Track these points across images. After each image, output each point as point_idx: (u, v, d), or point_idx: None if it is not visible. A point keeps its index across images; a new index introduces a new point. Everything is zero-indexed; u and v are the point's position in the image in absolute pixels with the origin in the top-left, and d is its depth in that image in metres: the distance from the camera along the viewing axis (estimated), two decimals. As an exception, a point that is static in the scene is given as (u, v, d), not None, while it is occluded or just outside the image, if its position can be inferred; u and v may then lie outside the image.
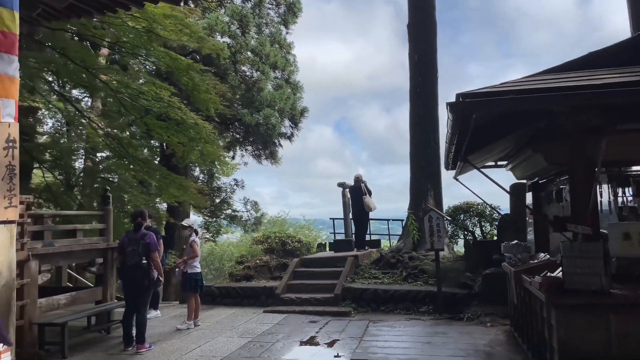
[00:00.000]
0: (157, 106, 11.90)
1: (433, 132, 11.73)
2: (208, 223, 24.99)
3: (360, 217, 11.65)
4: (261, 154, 20.63)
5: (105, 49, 14.96)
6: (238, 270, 10.75)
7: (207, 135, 12.45)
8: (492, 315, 7.76)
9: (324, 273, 10.01)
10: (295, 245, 11.73)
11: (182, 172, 17.35)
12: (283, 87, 18.68)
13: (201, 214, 23.65)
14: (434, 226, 8.39)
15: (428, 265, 9.51)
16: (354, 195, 11.58)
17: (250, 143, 20.31)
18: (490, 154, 6.13)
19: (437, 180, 11.68)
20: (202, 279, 8.10)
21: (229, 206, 23.32)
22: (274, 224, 36.34)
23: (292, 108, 18.97)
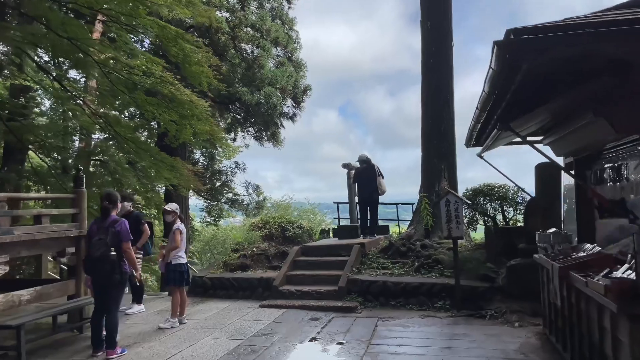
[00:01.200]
0: (148, 82, 10.95)
1: (447, 106, 10.63)
2: (209, 207, 24.24)
3: (372, 201, 10.62)
4: (263, 135, 19.70)
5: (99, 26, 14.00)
6: (233, 259, 9.80)
7: (200, 112, 11.46)
8: (519, 313, 6.77)
9: (327, 263, 9.04)
10: (296, 231, 10.75)
11: (180, 154, 16.42)
12: (285, 65, 17.63)
13: (201, 197, 22.89)
14: (451, 211, 7.37)
15: (443, 255, 8.51)
16: (364, 177, 10.55)
17: (252, 124, 19.39)
18: (527, 125, 5.06)
19: (451, 160, 10.62)
20: (189, 271, 7.14)
21: (229, 189, 22.50)
22: (278, 208, 35.66)
23: (295, 86, 17.95)
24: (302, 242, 10.79)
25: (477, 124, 4.58)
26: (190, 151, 22.24)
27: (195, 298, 9.08)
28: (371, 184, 10.45)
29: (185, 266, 6.95)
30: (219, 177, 22.13)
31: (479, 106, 4.16)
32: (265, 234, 10.79)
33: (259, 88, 16.41)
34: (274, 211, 34.69)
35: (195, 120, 11.51)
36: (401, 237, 10.02)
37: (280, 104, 17.08)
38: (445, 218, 7.42)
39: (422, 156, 10.84)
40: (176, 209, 7.09)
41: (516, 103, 3.70)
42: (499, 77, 3.08)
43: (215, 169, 22.40)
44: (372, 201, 10.67)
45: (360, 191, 10.72)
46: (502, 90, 3.41)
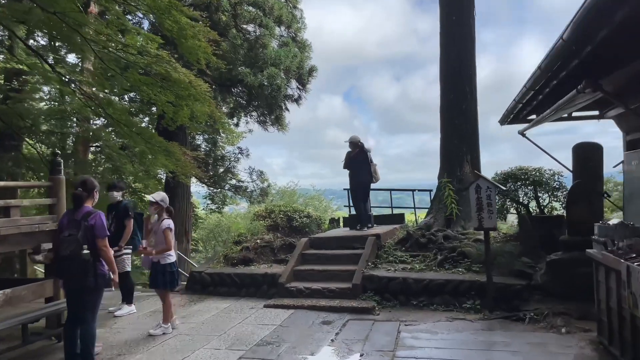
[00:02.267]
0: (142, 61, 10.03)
1: (470, 82, 9.61)
2: (213, 194, 23.46)
3: (364, 188, 9.71)
4: (267, 119, 18.81)
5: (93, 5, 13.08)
6: (235, 252, 8.91)
7: (198, 92, 10.52)
8: (564, 316, 5.84)
9: (339, 256, 8.13)
10: (303, 221, 9.84)
11: (180, 140, 15.56)
12: (289, 45, 16.64)
13: (204, 184, 22.11)
14: (482, 199, 6.42)
15: (470, 247, 7.58)
16: (356, 162, 9.63)
17: (255, 108, 18.50)
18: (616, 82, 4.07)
19: (474, 141, 9.63)
20: (178, 271, 6.23)
21: (233, 176, 21.73)
22: (283, 194, 34.83)
23: (299, 67, 16.96)
24: (310, 232, 9.89)
25: (530, 90, 3.63)
26: (192, 137, 21.41)
27: (194, 296, 8.23)
28: (364, 171, 9.52)
29: (174, 265, 6.05)
30: (222, 163, 21.33)
31: (541, 65, 3.19)
32: (270, 224, 9.89)
33: (261, 69, 15.49)
34: (279, 198, 33.89)
35: (192, 101, 10.60)
36: (419, 227, 9.09)
37: (284, 85, 16.15)
38: (475, 207, 6.47)
39: (442, 138, 9.86)
40: (163, 201, 6.14)
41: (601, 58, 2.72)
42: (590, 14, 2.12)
43: (218, 154, 21.59)
44: (365, 189, 9.75)
45: (352, 178, 9.77)
46: (586, 36, 2.44)
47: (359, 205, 9.75)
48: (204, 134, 21.30)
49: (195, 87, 10.65)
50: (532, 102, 6.66)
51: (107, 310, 7.26)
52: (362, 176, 9.56)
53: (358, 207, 9.76)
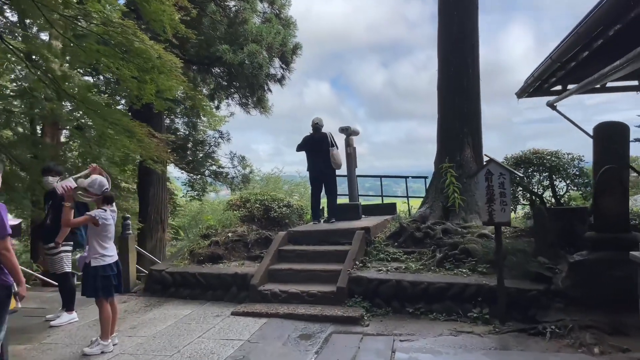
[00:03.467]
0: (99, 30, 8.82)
1: (472, 54, 8.46)
2: (193, 180, 22.38)
3: (326, 178, 8.68)
4: (248, 101, 17.58)
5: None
6: (202, 247, 7.72)
7: (163, 64, 9.25)
8: (593, 331, 4.79)
9: (322, 253, 6.99)
10: (282, 211, 8.66)
11: (155, 122, 14.28)
12: (272, 22, 15.38)
13: (183, 170, 21.00)
14: (494, 187, 5.31)
15: (474, 244, 6.49)
16: (313, 148, 8.60)
17: (236, 89, 17.25)
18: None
19: (476, 123, 8.51)
20: (118, 273, 5.00)
21: (213, 162, 20.61)
22: (268, 181, 33.73)
23: (283, 44, 15.66)
24: (290, 224, 8.74)
25: (565, 52, 2.52)
26: (171, 120, 20.10)
27: (152, 299, 7.05)
28: (323, 157, 8.48)
29: (112, 267, 4.84)
30: (202, 148, 20.10)
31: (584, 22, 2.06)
32: (244, 215, 8.70)
33: (242, 46, 14.22)
34: (263, 184, 32.78)
35: (157, 74, 9.32)
36: (414, 219, 7.99)
37: (266, 64, 14.86)
38: (485, 197, 5.36)
39: (439, 118, 8.72)
40: (92, 186, 4.86)
41: None
42: None
43: (197, 139, 20.34)
44: (326, 178, 8.68)
45: (310, 166, 8.73)
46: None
47: (317, 197, 8.87)
48: (183, 116, 20.10)
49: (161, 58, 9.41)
50: (562, 70, 5.59)
51: (44, 319, 6.07)
52: (320, 164, 8.60)
53: (316, 199, 8.84)
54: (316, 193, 8.78)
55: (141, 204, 17.15)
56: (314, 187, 8.79)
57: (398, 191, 18.12)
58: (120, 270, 5.09)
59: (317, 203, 8.79)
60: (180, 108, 19.71)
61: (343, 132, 9.15)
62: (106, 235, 4.86)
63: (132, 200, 19.30)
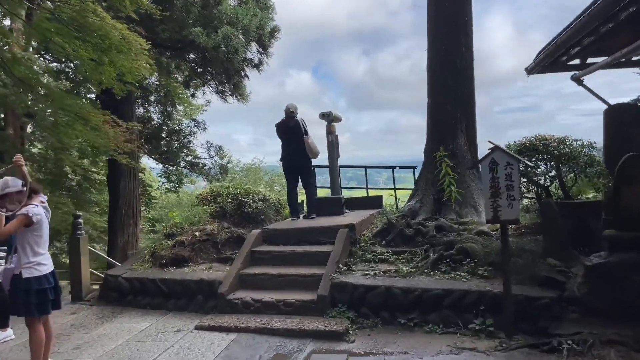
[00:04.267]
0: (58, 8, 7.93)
1: (465, 31, 7.65)
2: (168, 171, 21.41)
3: (302, 169, 7.95)
4: (225, 88, 16.59)
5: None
6: (165, 248, 6.83)
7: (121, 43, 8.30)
8: (618, 347, 4.08)
9: (301, 255, 6.16)
10: (257, 206, 7.79)
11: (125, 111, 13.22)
12: (248, 4, 14.41)
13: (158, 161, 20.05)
14: (500, 179, 4.54)
15: (472, 243, 5.74)
16: (287, 136, 7.86)
17: (212, 76, 16.25)
18: None
19: (470, 108, 7.72)
20: (55, 285, 4.08)
21: (190, 152, 19.64)
22: (248, 172, 32.81)
23: (260, 27, 14.68)
24: (266, 221, 7.89)
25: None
26: (146, 109, 19.02)
27: (106, 309, 6.15)
28: (297, 146, 7.71)
29: (46, 279, 3.93)
30: (177, 137, 19.07)
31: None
32: (215, 211, 7.81)
33: (216, 29, 13.24)
34: (243, 175, 31.83)
35: (114, 53, 8.35)
36: (403, 214, 7.21)
37: (242, 48, 13.88)
38: (489, 190, 4.59)
39: (430, 103, 7.91)
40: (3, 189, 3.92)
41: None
42: None
43: (172, 128, 19.29)
44: (302, 169, 7.93)
45: (284, 156, 7.99)
46: None
47: (294, 191, 8.12)
48: (157, 105, 19.08)
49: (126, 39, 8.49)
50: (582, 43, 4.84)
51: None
52: (295, 154, 7.80)
53: (293, 193, 8.08)
54: (292, 186, 7.96)
55: (112, 197, 16.05)
56: (289, 180, 7.96)
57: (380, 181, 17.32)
58: (58, 282, 4.18)
59: (294, 197, 7.98)
60: (155, 97, 18.72)
61: (324, 118, 8.30)
62: (40, 237, 3.94)
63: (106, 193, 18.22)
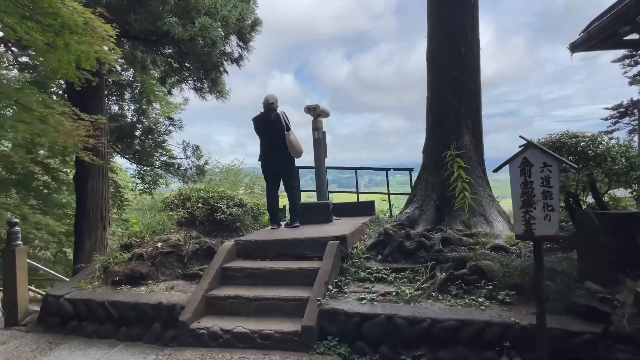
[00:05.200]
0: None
1: (472, 15, 6.73)
2: (142, 172, 20.14)
3: (285, 170, 7.01)
4: (203, 85, 15.45)
5: None
6: (120, 263, 5.72)
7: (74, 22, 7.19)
8: (692, 404, 3.16)
9: (283, 273, 5.13)
10: (233, 212, 6.74)
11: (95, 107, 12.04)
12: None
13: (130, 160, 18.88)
14: (534, 184, 3.60)
15: (489, 260, 4.78)
16: (267, 132, 6.88)
17: (189, 72, 15.10)
18: None
19: (475, 102, 6.78)
20: None
21: (166, 152, 18.48)
22: (228, 173, 31.78)
23: (240, 19, 13.55)
24: (242, 229, 6.84)
25: None
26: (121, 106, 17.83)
27: (44, 337, 5.03)
28: (279, 144, 6.78)
29: None
30: (152, 136, 17.89)
31: None
32: (183, 217, 6.73)
33: (193, 20, 12.16)
34: (223, 177, 30.68)
35: (68, 35, 7.25)
36: (400, 223, 6.23)
37: (220, 40, 12.76)
38: (519, 199, 3.64)
39: (430, 96, 6.97)
40: None
41: None
42: None
43: (147, 126, 18.10)
44: (285, 171, 7.00)
45: (264, 155, 7.00)
46: None
47: (274, 194, 7.11)
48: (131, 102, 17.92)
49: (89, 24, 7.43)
50: None
51: None
52: (277, 152, 6.80)
53: (273, 197, 7.07)
54: (273, 190, 6.94)
55: (78, 198, 14.74)
56: (270, 183, 6.94)
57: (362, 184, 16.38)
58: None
59: (275, 203, 6.96)
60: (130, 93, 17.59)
61: (310, 112, 7.29)
62: None
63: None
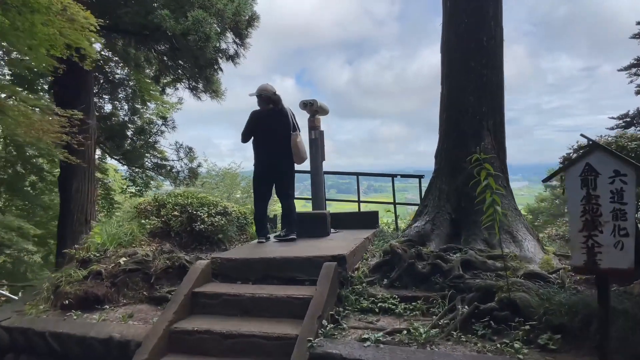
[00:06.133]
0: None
1: (495, 3, 5.83)
2: (134, 174, 19.27)
3: (283, 174, 5.98)
4: (198, 84, 14.56)
5: None
6: (73, 282, 4.76)
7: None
8: None
9: (266, 302, 4.15)
10: (214, 221, 5.78)
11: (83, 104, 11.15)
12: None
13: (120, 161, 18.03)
14: (601, 200, 2.66)
15: (524, 291, 3.82)
16: (269, 128, 5.84)
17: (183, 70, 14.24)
18: None
19: (498, 99, 5.82)
20: None
21: (158, 152, 17.63)
22: (224, 176, 31.07)
23: (237, 13, 12.65)
24: (224, 242, 5.89)
25: None
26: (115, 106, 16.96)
27: (-31, 377, 4.07)
28: (281, 145, 5.80)
29: None
30: (143, 136, 17.01)
31: None
32: (157, 227, 5.79)
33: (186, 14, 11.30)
34: (219, 180, 29.89)
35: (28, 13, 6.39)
36: (409, 239, 5.28)
37: (214, 35, 11.87)
38: (580, 219, 2.70)
39: (444, 92, 6.02)
40: None
41: None
42: None
43: (139, 125, 17.24)
44: (283, 175, 5.95)
45: (261, 157, 5.96)
46: None
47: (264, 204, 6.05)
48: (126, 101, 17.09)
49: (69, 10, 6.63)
50: None
51: None
52: (278, 152, 5.82)
53: (262, 207, 6.02)
54: (264, 198, 5.96)
55: (62, 200, 13.80)
56: (262, 189, 5.94)
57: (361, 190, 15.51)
58: None
59: (264, 213, 5.99)
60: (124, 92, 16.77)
61: (306, 108, 6.35)
62: None
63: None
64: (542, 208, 29.64)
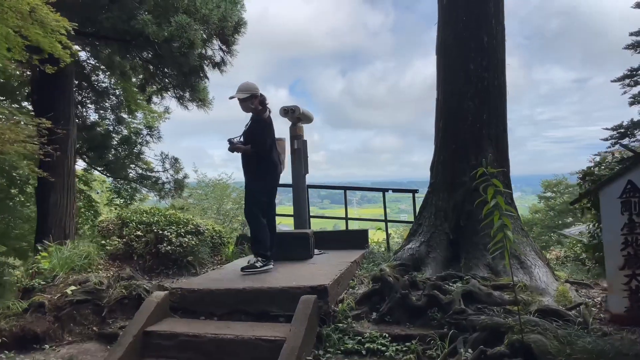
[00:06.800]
0: None
1: (496, 1, 5.26)
2: (119, 186, 18.62)
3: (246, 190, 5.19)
4: (185, 93, 13.98)
5: None
6: (11, 315, 4.08)
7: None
8: None
9: (231, 345, 3.47)
10: (184, 242, 5.12)
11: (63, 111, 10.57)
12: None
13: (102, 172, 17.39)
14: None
15: (538, 333, 3.19)
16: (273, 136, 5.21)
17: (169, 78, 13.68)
18: None
19: (500, 106, 5.22)
20: None
21: (144, 163, 17.01)
22: (215, 187, 30.37)
23: (223, 19, 12.07)
24: (194, 265, 5.22)
25: None
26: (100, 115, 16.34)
27: None
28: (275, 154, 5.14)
29: None
30: (128, 146, 16.37)
31: None
32: (118, 249, 5.12)
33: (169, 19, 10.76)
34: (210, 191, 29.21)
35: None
36: (401, 263, 4.64)
37: (200, 42, 11.30)
38: (621, 252, 2.05)
39: (441, 98, 5.40)
40: None
41: None
42: None
43: (124, 135, 16.62)
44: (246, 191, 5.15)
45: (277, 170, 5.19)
46: None
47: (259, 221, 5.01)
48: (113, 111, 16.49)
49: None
50: None
51: None
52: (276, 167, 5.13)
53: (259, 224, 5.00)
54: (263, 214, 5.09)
55: (40, 214, 13.05)
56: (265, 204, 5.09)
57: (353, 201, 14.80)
58: None
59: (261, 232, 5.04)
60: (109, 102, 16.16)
61: (287, 115, 5.72)
62: None
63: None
64: (536, 219, 29.31)
